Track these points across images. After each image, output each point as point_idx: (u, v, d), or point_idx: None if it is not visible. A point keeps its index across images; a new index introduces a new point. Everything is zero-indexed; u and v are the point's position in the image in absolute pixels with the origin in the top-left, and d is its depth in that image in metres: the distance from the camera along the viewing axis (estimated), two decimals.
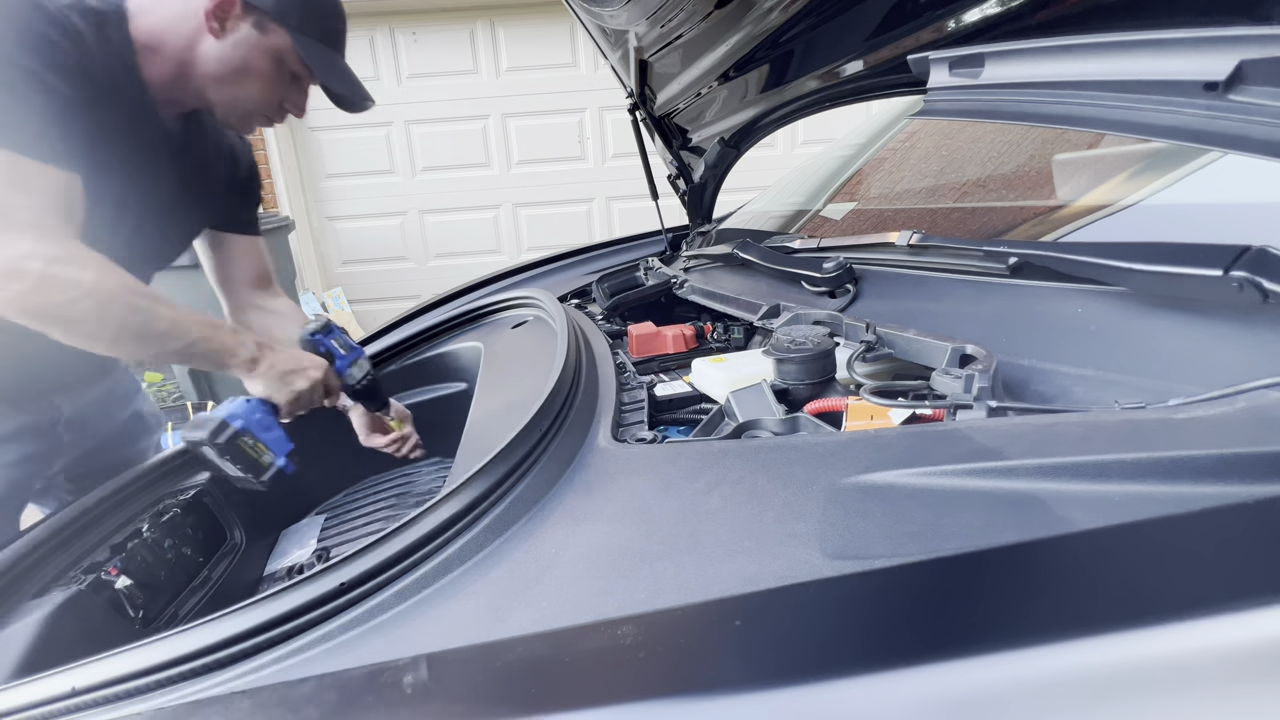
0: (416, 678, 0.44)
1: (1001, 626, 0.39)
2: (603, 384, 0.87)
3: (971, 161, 1.20)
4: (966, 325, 0.74)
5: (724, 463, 0.58)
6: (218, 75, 0.97)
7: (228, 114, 1.03)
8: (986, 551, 0.40)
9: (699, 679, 0.41)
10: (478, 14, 4.04)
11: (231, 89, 0.99)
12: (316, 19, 1.00)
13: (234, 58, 0.96)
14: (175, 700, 0.47)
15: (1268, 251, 0.53)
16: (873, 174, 1.53)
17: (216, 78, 0.97)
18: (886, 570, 0.41)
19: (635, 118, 1.72)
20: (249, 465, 0.94)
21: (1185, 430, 0.45)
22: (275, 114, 1.05)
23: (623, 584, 0.46)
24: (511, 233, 4.40)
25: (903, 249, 0.90)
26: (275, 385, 0.97)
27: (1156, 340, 0.61)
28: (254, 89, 0.99)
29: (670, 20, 1.34)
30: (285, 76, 1.01)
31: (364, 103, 1.06)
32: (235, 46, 0.96)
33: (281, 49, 0.98)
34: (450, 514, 0.56)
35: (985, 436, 0.51)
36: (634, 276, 1.53)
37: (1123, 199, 0.86)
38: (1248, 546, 0.40)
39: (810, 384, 0.77)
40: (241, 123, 1.06)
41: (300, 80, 1.03)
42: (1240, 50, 0.66)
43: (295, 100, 1.06)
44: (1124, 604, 0.38)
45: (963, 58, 0.94)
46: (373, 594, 0.51)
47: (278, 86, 1.01)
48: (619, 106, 2.09)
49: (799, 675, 0.39)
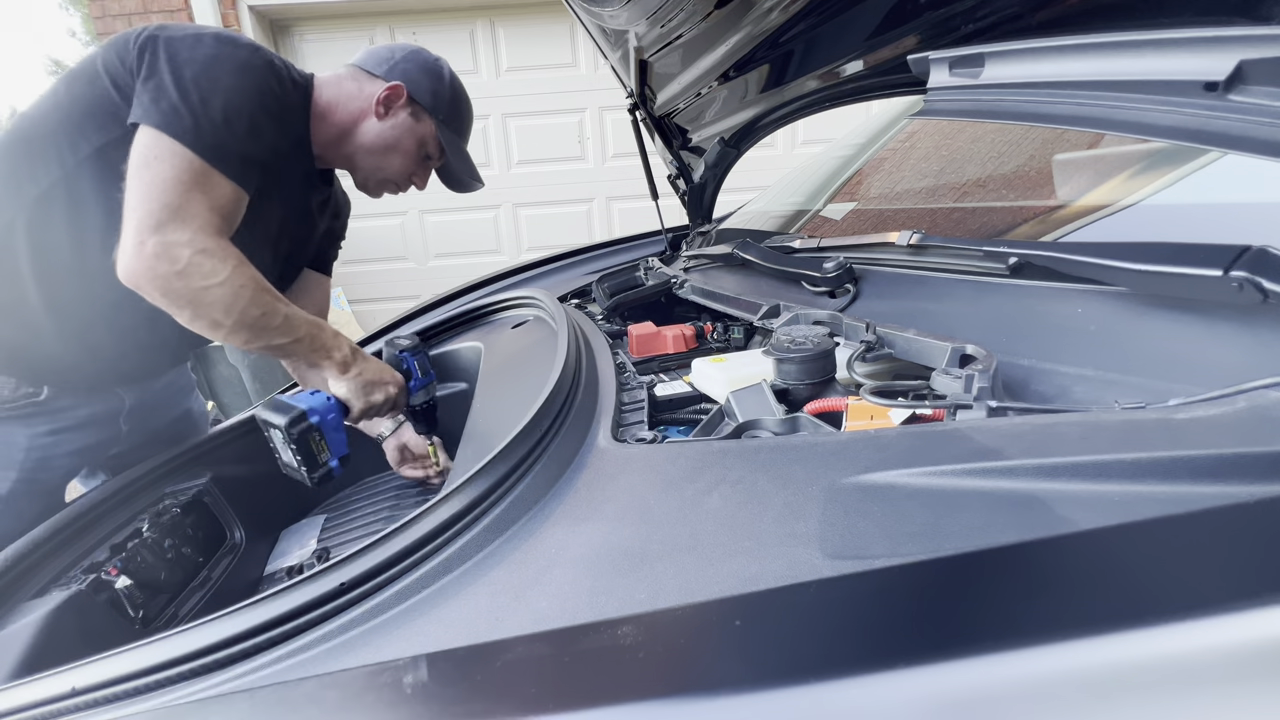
0: (416, 678, 0.44)
1: (1002, 626, 0.39)
2: (603, 384, 0.87)
3: (971, 161, 1.20)
4: (966, 325, 0.74)
5: (724, 463, 0.58)
6: (371, 148, 1.17)
7: (367, 179, 1.22)
8: (986, 551, 0.40)
9: (699, 679, 0.41)
10: (478, 14, 4.04)
11: (379, 160, 1.18)
12: (458, 115, 1.22)
13: (389, 136, 1.16)
14: (175, 700, 0.47)
15: (1268, 251, 0.53)
16: (873, 174, 1.53)
17: (369, 149, 1.17)
18: (886, 570, 0.41)
19: (635, 118, 1.72)
20: (308, 459, 0.99)
21: (1185, 430, 0.45)
22: (403, 184, 1.25)
23: (623, 584, 0.46)
24: (511, 233, 4.39)
25: (903, 249, 0.90)
26: (357, 391, 1.07)
27: (1156, 340, 0.61)
28: (397, 163, 1.19)
29: (670, 20, 1.34)
30: (421, 156, 1.22)
31: (474, 184, 1.29)
32: (393, 128, 1.16)
33: (426, 135, 1.19)
34: (450, 514, 0.56)
35: (985, 436, 0.51)
36: (634, 276, 1.53)
37: (1123, 199, 0.86)
38: (1248, 546, 0.40)
39: (810, 384, 0.77)
40: (376, 188, 1.24)
41: (429, 161, 1.24)
42: (1240, 50, 0.66)
43: (422, 176, 1.26)
44: (1124, 604, 0.38)
45: (963, 58, 0.94)
46: (373, 594, 0.51)
47: (414, 164, 1.22)
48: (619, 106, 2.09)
49: (799, 675, 0.39)
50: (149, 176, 0.90)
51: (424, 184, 1.27)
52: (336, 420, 1.03)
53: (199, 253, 0.90)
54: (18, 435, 1.05)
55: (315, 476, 1.00)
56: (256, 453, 1.25)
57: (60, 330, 1.02)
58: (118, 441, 1.20)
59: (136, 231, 0.88)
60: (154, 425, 1.26)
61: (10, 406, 1.04)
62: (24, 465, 1.06)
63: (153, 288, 0.90)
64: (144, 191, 0.89)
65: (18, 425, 1.05)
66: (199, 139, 0.91)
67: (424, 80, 1.16)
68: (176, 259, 0.89)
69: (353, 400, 1.06)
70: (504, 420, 0.81)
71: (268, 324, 0.97)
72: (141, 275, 0.89)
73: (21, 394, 1.04)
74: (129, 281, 0.90)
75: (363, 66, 1.17)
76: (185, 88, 0.92)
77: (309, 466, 0.99)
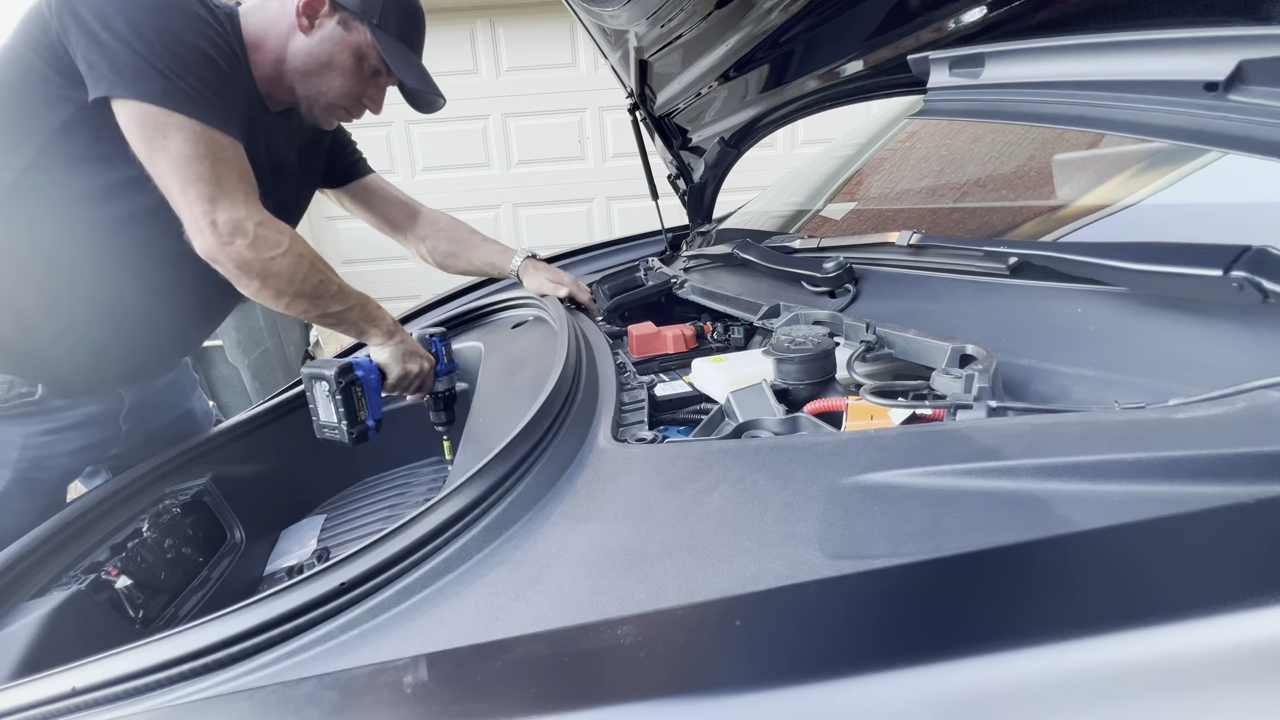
0: (416, 678, 0.44)
1: (1001, 626, 0.39)
2: (603, 384, 0.87)
3: (971, 161, 1.20)
4: (966, 325, 0.74)
5: (724, 463, 0.58)
6: (304, 69, 1.06)
7: (311, 107, 1.10)
8: (986, 551, 0.40)
9: (699, 679, 0.41)
10: (478, 14, 4.04)
11: (316, 82, 1.07)
12: (396, 18, 1.08)
13: (319, 53, 1.05)
14: (175, 700, 0.47)
15: (1268, 251, 0.53)
16: (873, 174, 1.53)
17: (303, 72, 1.06)
18: (886, 570, 0.41)
19: (635, 118, 1.72)
20: (350, 414, 1.04)
21: (1185, 430, 0.45)
22: (354, 108, 1.13)
23: (623, 584, 0.46)
24: (511, 233, 4.39)
25: (903, 249, 0.90)
26: (397, 359, 1.12)
27: (1156, 340, 0.61)
28: (336, 83, 1.07)
29: (670, 20, 1.34)
30: (365, 72, 1.09)
31: (436, 99, 1.15)
32: (321, 42, 1.04)
33: (362, 45, 1.06)
34: (450, 514, 0.56)
35: (985, 436, 0.51)
36: (634, 276, 1.53)
37: (1123, 199, 0.86)
38: (1248, 546, 0.40)
39: (810, 384, 0.77)
40: (323, 115, 1.13)
41: (379, 77, 1.11)
42: (1240, 50, 0.66)
43: (373, 96, 1.14)
44: (1124, 604, 0.38)
45: (963, 58, 0.94)
46: (373, 594, 0.51)
47: (357, 82, 1.09)
48: (619, 106, 2.09)
49: (799, 675, 0.39)
50: (167, 156, 0.89)
51: (378, 106, 1.16)
52: (377, 382, 1.10)
53: (259, 224, 0.94)
54: (12, 434, 1.03)
55: (354, 433, 1.04)
56: (257, 453, 1.25)
57: (55, 328, 1.00)
58: (117, 441, 1.18)
59: (202, 214, 0.90)
60: (156, 425, 1.24)
61: (4, 405, 1.02)
62: (19, 465, 1.04)
63: (230, 263, 0.93)
64: (174, 172, 0.90)
65: (12, 424, 1.03)
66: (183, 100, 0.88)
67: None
68: (246, 232, 0.92)
69: (391, 365, 1.11)
70: (504, 420, 0.81)
71: (325, 291, 1.02)
72: (219, 252, 0.92)
73: (15, 393, 1.02)
74: (210, 259, 0.93)
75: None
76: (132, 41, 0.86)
77: (349, 421, 1.03)
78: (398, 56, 1.08)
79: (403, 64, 1.08)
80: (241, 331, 3.29)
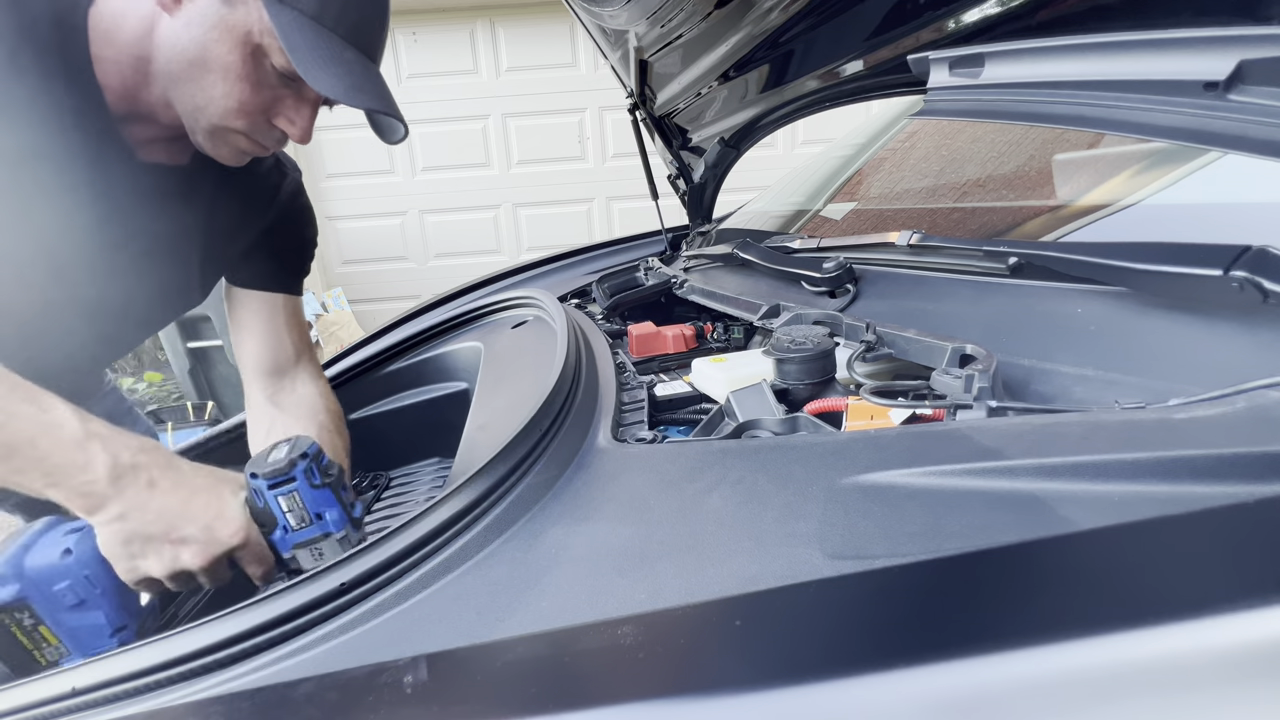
0: (416, 678, 0.44)
1: (1002, 626, 0.39)
2: (603, 384, 0.87)
3: (971, 161, 1.20)
4: (966, 325, 0.74)
5: (724, 463, 0.58)
6: (171, 71, 0.69)
7: (194, 129, 0.73)
8: (986, 551, 0.40)
9: (699, 679, 0.41)
10: (478, 14, 4.04)
11: (189, 90, 0.70)
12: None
13: (188, 43, 0.68)
14: (175, 700, 0.47)
15: (1268, 251, 0.53)
16: (873, 174, 1.53)
17: (173, 75, 0.69)
18: (886, 570, 0.41)
19: (635, 118, 1.72)
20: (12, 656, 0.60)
21: (1185, 430, 0.45)
22: (259, 133, 0.74)
23: (623, 584, 0.46)
24: (511, 233, 4.40)
25: (903, 249, 0.90)
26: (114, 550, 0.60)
27: (1156, 340, 0.61)
28: (217, 90, 0.69)
29: (670, 20, 1.34)
30: (267, 75, 0.71)
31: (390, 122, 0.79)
32: (190, 26, 0.67)
33: (254, 31, 0.68)
34: (450, 514, 0.56)
35: (985, 436, 0.51)
36: (634, 276, 1.53)
37: (1123, 199, 0.86)
38: (1248, 546, 0.40)
39: (810, 384, 0.77)
40: (216, 144, 0.74)
41: (297, 84, 0.72)
42: (1240, 50, 0.66)
43: (290, 114, 0.74)
44: (1124, 604, 0.38)
45: (963, 58, 0.94)
46: (373, 594, 0.51)
47: (253, 89, 0.70)
48: (619, 106, 2.09)
49: (799, 675, 0.39)
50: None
51: (301, 130, 0.75)
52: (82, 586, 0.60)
53: None
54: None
55: None
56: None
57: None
58: None
59: None
60: None
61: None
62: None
63: None
64: None
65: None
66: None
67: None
68: None
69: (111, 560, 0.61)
70: (504, 420, 0.81)
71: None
72: None
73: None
74: None
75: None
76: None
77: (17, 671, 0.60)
78: (310, 48, 0.67)
79: (317, 59, 0.67)
80: None
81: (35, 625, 0.59)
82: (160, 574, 0.61)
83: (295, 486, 0.64)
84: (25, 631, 0.59)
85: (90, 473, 0.57)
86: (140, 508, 0.59)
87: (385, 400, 1.35)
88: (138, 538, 0.59)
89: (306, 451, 0.65)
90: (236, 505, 0.63)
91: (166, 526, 0.60)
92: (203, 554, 0.61)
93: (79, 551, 0.60)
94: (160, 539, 0.60)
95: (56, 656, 0.60)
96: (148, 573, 0.61)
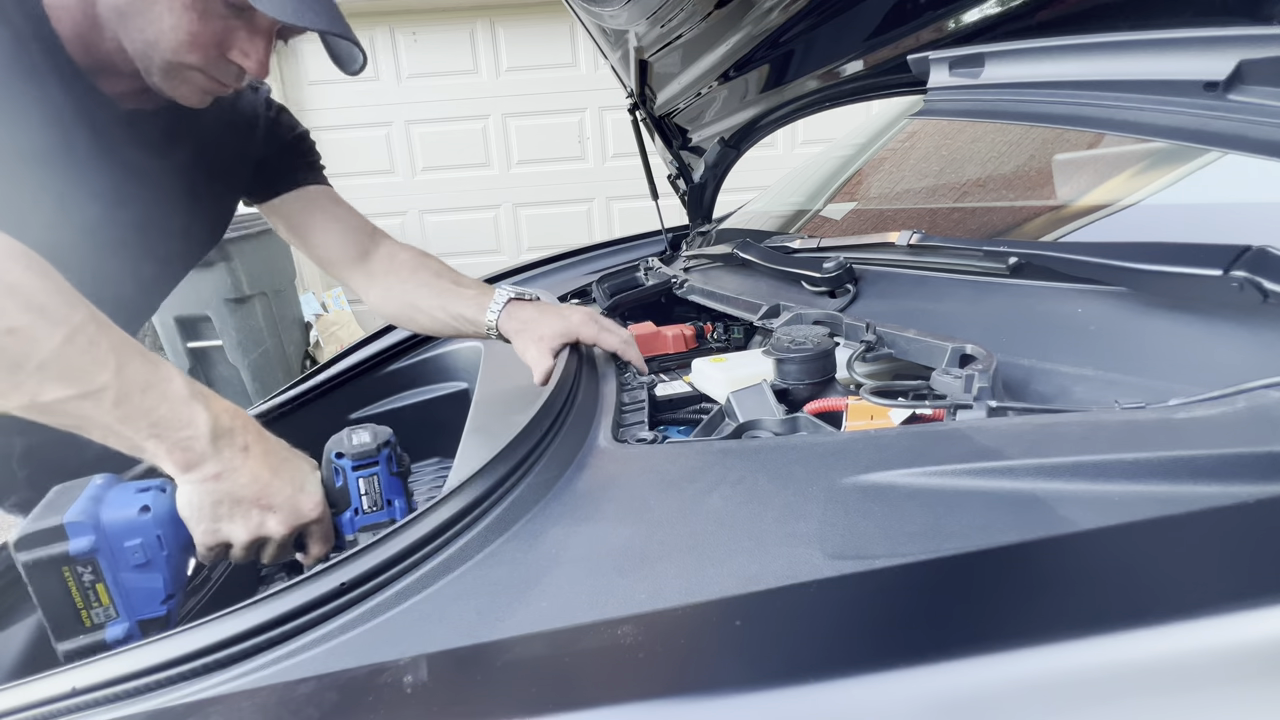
0: (416, 678, 0.44)
1: (1002, 626, 0.39)
2: (603, 384, 0.87)
3: (971, 161, 1.20)
4: (966, 325, 0.74)
5: (724, 463, 0.58)
6: (120, 6, 0.67)
7: (149, 70, 0.70)
8: (986, 551, 0.40)
9: (699, 679, 0.41)
10: (478, 14, 4.04)
11: (139, 25, 0.67)
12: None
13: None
14: (175, 700, 0.47)
15: (1268, 251, 0.53)
16: (873, 174, 1.53)
17: (118, 10, 0.67)
18: (886, 570, 0.41)
19: (635, 118, 1.72)
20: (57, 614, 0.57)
21: (1185, 430, 0.45)
22: (215, 67, 0.71)
23: (623, 584, 0.46)
24: (511, 233, 4.40)
25: (903, 249, 0.90)
26: (201, 508, 0.59)
27: (1156, 340, 0.61)
28: (166, 23, 0.67)
29: (670, 20, 1.34)
30: (214, 4, 0.69)
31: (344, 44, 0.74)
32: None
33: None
34: (450, 514, 0.56)
35: (985, 436, 0.51)
36: (634, 276, 1.53)
37: (1123, 199, 0.86)
38: (1248, 546, 0.40)
39: (810, 384, 0.77)
40: (174, 84, 0.72)
41: (248, 13, 0.69)
42: (1240, 50, 0.66)
43: (244, 46, 0.71)
44: (1124, 604, 0.38)
45: (963, 58, 0.94)
46: (373, 594, 0.51)
47: (204, 18, 0.68)
48: (619, 106, 2.09)
49: (799, 675, 0.39)
50: None
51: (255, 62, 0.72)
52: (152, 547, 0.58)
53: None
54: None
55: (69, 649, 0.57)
56: None
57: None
58: (14, 488, 0.95)
59: None
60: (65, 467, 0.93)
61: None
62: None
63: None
64: None
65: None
66: None
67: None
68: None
69: (192, 521, 0.60)
70: (504, 420, 0.81)
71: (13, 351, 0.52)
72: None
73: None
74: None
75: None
76: None
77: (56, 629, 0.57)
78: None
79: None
80: (241, 331, 3.29)
81: (94, 582, 0.57)
82: (242, 538, 0.61)
83: (377, 470, 0.66)
84: (81, 588, 0.57)
85: (193, 429, 0.58)
86: (236, 470, 0.59)
87: (385, 400, 1.35)
88: (229, 499, 0.59)
89: (389, 439, 0.68)
90: (316, 481, 0.65)
91: (258, 492, 0.60)
92: (285, 523, 0.62)
93: (156, 510, 0.59)
94: (250, 503, 0.60)
95: (104, 619, 0.59)
96: (228, 536, 0.61)
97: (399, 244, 1.04)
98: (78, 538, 0.56)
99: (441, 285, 0.99)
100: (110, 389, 0.55)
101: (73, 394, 0.55)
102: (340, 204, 1.02)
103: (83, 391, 0.55)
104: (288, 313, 3.65)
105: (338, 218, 1.00)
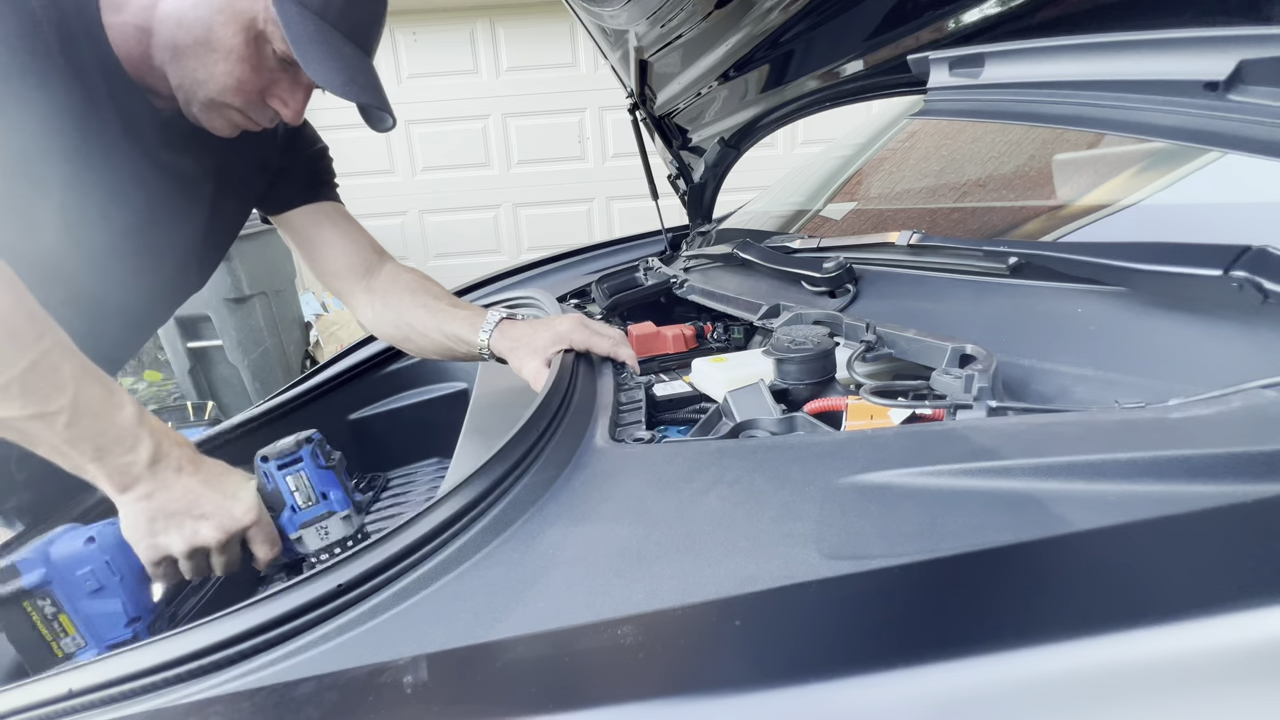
0: (416, 678, 0.44)
1: (1000, 626, 0.39)
2: (601, 384, 0.87)
3: (971, 161, 1.20)
4: (966, 325, 0.74)
5: (721, 462, 0.58)
6: (175, 45, 0.73)
7: (190, 101, 0.77)
8: (984, 552, 0.40)
9: (698, 679, 0.41)
10: (478, 14, 4.04)
11: (191, 66, 0.73)
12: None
13: (194, 22, 0.72)
14: (175, 700, 0.47)
15: (1268, 251, 0.53)
16: (873, 174, 1.53)
17: (174, 48, 0.73)
18: (884, 570, 0.41)
19: (635, 118, 1.72)
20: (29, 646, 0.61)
21: (1183, 430, 0.45)
22: (254, 110, 0.79)
23: (621, 584, 0.46)
24: (511, 233, 4.40)
25: (903, 249, 0.90)
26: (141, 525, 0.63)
27: (1156, 340, 0.61)
28: (219, 69, 0.73)
29: (670, 20, 1.34)
30: (267, 59, 0.76)
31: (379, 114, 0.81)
32: (197, 7, 0.71)
33: (259, 19, 0.72)
34: (449, 514, 0.56)
35: (984, 436, 0.50)
36: (634, 276, 1.53)
37: (1123, 199, 0.86)
38: (1247, 546, 0.40)
39: (810, 384, 0.77)
40: (206, 114, 0.78)
41: (294, 68, 0.77)
42: (1240, 50, 0.66)
43: (284, 95, 0.79)
44: (1123, 604, 0.38)
45: (963, 58, 0.94)
46: (372, 594, 0.51)
47: (253, 72, 0.75)
48: (619, 106, 2.09)
49: (799, 675, 0.39)
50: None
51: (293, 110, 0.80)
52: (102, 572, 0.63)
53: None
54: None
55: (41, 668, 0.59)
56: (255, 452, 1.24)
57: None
58: (14, 491, 0.95)
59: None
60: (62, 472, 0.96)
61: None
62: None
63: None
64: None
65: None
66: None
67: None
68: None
69: (134, 540, 0.64)
70: (502, 420, 0.81)
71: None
72: None
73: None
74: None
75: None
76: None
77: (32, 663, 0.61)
78: (312, 42, 0.72)
79: (317, 53, 0.72)
80: (241, 331, 3.29)
81: (56, 613, 0.62)
82: (180, 550, 0.65)
83: (302, 467, 0.71)
84: (45, 620, 0.62)
85: (135, 454, 0.63)
86: (168, 486, 0.64)
87: (384, 400, 1.36)
88: (162, 514, 0.64)
89: (311, 436, 0.72)
90: (249, 488, 0.69)
91: (190, 503, 0.65)
92: (220, 528, 0.66)
93: (102, 539, 0.65)
94: (182, 514, 0.64)
95: (74, 648, 0.63)
96: (168, 549, 0.65)
97: (403, 266, 1.09)
98: (29, 572, 0.61)
99: (439, 307, 1.03)
100: (64, 413, 0.59)
101: (28, 414, 0.59)
102: (350, 221, 1.07)
103: (38, 413, 0.59)
104: (288, 312, 3.65)
105: (347, 234, 1.05)
